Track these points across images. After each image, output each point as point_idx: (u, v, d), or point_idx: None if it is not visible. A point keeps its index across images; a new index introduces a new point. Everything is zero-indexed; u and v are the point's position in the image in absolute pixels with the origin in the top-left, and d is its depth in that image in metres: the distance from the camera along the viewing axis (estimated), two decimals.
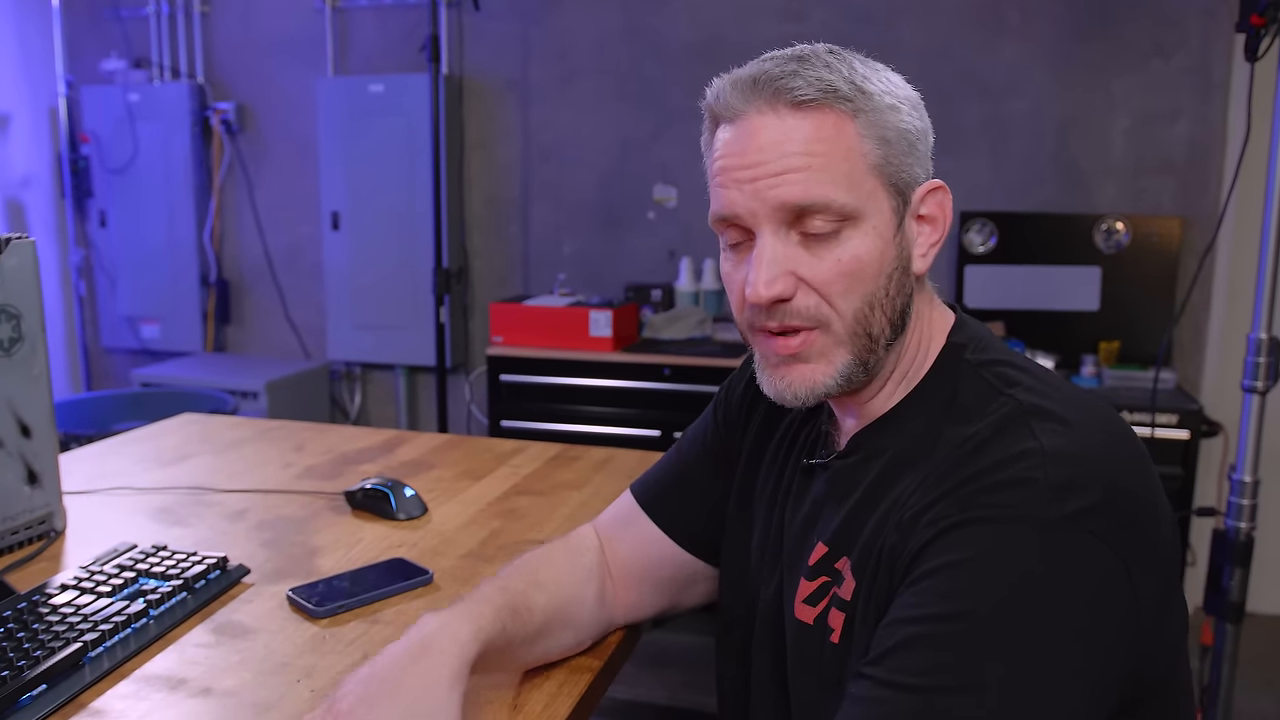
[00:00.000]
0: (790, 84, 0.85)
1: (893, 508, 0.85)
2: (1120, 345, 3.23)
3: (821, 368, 0.88)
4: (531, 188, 3.89)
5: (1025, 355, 0.93)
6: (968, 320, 0.96)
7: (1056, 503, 0.75)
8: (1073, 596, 0.73)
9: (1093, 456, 0.78)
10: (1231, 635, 2.11)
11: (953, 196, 0.93)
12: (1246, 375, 2.01)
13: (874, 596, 0.84)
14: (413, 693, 0.81)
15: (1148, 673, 0.80)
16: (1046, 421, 0.81)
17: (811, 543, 0.94)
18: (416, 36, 3.76)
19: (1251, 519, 2.06)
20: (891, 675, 0.74)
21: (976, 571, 0.75)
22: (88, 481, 1.59)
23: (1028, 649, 0.72)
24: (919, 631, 0.75)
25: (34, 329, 1.31)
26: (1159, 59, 3.26)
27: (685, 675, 3.03)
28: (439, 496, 1.54)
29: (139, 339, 4.28)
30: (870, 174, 0.86)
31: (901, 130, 0.87)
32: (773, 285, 0.85)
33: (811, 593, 0.93)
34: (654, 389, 3.23)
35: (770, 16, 3.54)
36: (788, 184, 0.84)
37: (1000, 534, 0.75)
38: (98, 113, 4.13)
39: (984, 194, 3.40)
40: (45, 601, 1.08)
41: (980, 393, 0.87)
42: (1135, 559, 0.76)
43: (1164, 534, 0.80)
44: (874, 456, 0.91)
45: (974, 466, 0.79)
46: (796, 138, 0.84)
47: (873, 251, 0.86)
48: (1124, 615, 0.75)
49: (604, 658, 1.06)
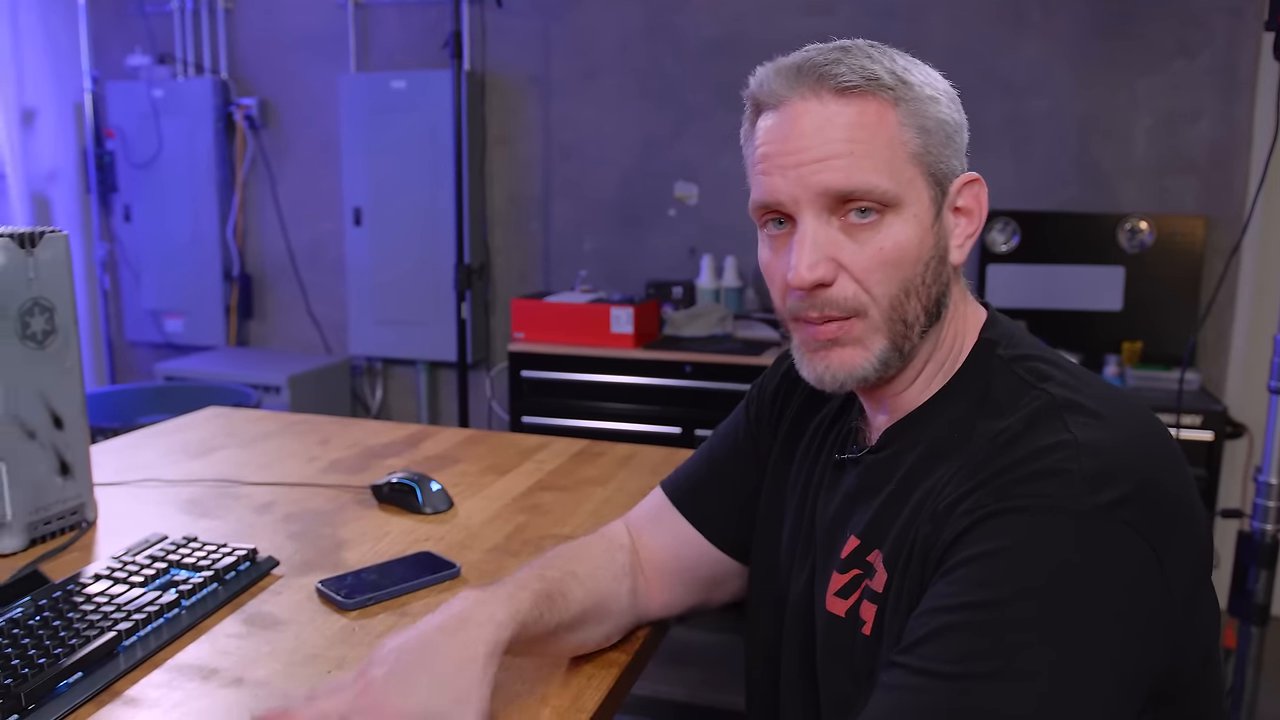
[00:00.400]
0: (834, 70, 0.86)
1: (925, 499, 0.86)
2: (1144, 345, 3.21)
3: (860, 352, 0.89)
4: (553, 184, 3.90)
5: (1056, 351, 0.93)
6: (1000, 317, 0.96)
7: (1091, 493, 0.75)
8: (1108, 585, 0.74)
9: (1126, 449, 0.79)
10: (1256, 638, 2.10)
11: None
12: (1273, 376, 2.00)
13: (906, 587, 0.84)
14: (447, 666, 0.82)
15: (1179, 665, 0.80)
16: (1079, 415, 0.81)
17: (844, 537, 0.94)
18: (439, 33, 3.77)
19: (1277, 521, 2.05)
20: (925, 663, 0.75)
21: (1012, 560, 0.75)
22: (117, 474, 1.60)
23: (1063, 637, 0.72)
24: (954, 620, 0.75)
25: (66, 322, 1.32)
26: (1183, 58, 3.24)
27: (705, 672, 3.03)
28: (464, 491, 1.54)
29: (163, 333, 4.31)
30: (910, 162, 0.87)
31: (940, 121, 0.88)
32: (815, 269, 0.86)
33: (843, 585, 0.93)
34: (675, 386, 3.23)
35: (794, 11, 3.53)
36: (831, 169, 0.85)
37: (1036, 523, 0.75)
38: (123, 108, 4.17)
39: (1007, 193, 3.39)
40: (79, 591, 1.09)
41: (1013, 387, 0.87)
42: (1167, 550, 0.76)
43: (1196, 527, 0.81)
44: (906, 451, 0.91)
45: (1008, 458, 0.80)
46: (839, 123, 0.85)
47: (912, 239, 0.87)
48: (1157, 605, 0.75)
49: (631, 652, 1.06)
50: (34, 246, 1.27)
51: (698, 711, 2.87)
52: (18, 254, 1.25)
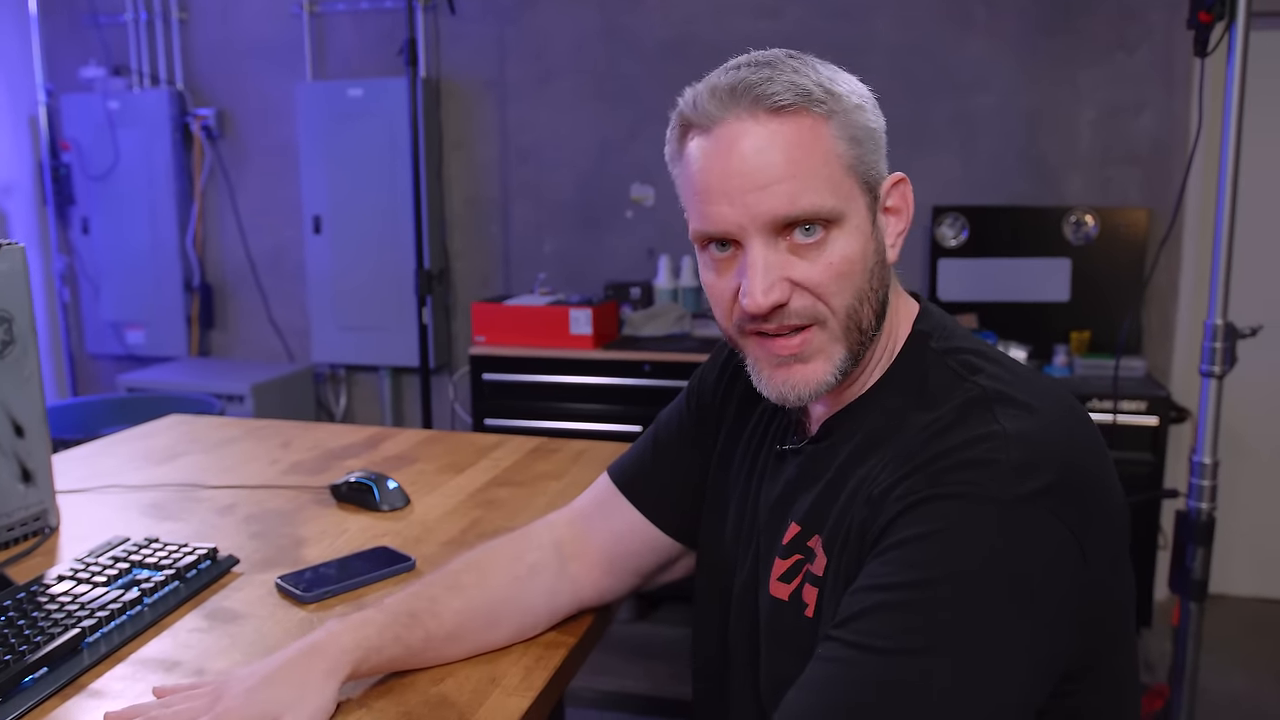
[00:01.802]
0: (768, 90, 0.87)
1: (860, 485, 0.90)
2: (1091, 335, 3.30)
3: (821, 365, 0.92)
4: (511, 187, 3.94)
5: (986, 342, 0.98)
6: (931, 309, 1.00)
7: (1017, 482, 0.80)
8: (1028, 569, 0.79)
9: (1050, 439, 0.84)
10: (1196, 613, 2.18)
11: (924, 191, 0.98)
12: (1204, 360, 2.08)
13: (843, 569, 0.89)
14: (288, 684, 0.92)
15: (1097, 638, 0.86)
16: (1008, 406, 0.86)
17: (785, 524, 0.98)
18: (394, 40, 3.80)
19: (1212, 500, 2.13)
20: (858, 638, 0.79)
21: (943, 544, 0.80)
22: (80, 480, 1.63)
23: (985, 617, 0.78)
24: (886, 598, 0.80)
25: (25, 332, 1.35)
26: (1122, 52, 3.33)
27: (671, 666, 3.08)
28: (421, 488, 1.58)
29: (124, 344, 4.30)
30: (847, 175, 0.89)
31: (869, 129, 0.91)
32: (770, 293, 0.88)
33: (785, 570, 0.97)
34: (634, 385, 3.28)
35: (745, 14, 3.59)
36: (775, 195, 0.86)
37: (965, 509, 0.80)
38: (78, 120, 4.16)
39: (955, 188, 3.47)
40: (44, 591, 1.13)
41: (945, 380, 0.91)
42: (1086, 533, 0.81)
43: (1114, 509, 0.86)
44: (844, 441, 0.96)
45: (939, 446, 0.84)
46: (779, 144, 0.87)
47: (857, 249, 0.90)
48: (1075, 585, 0.81)
49: (578, 634, 1.11)
50: None
51: (663, 704, 2.92)
52: None
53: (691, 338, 3.41)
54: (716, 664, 1.10)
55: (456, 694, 0.98)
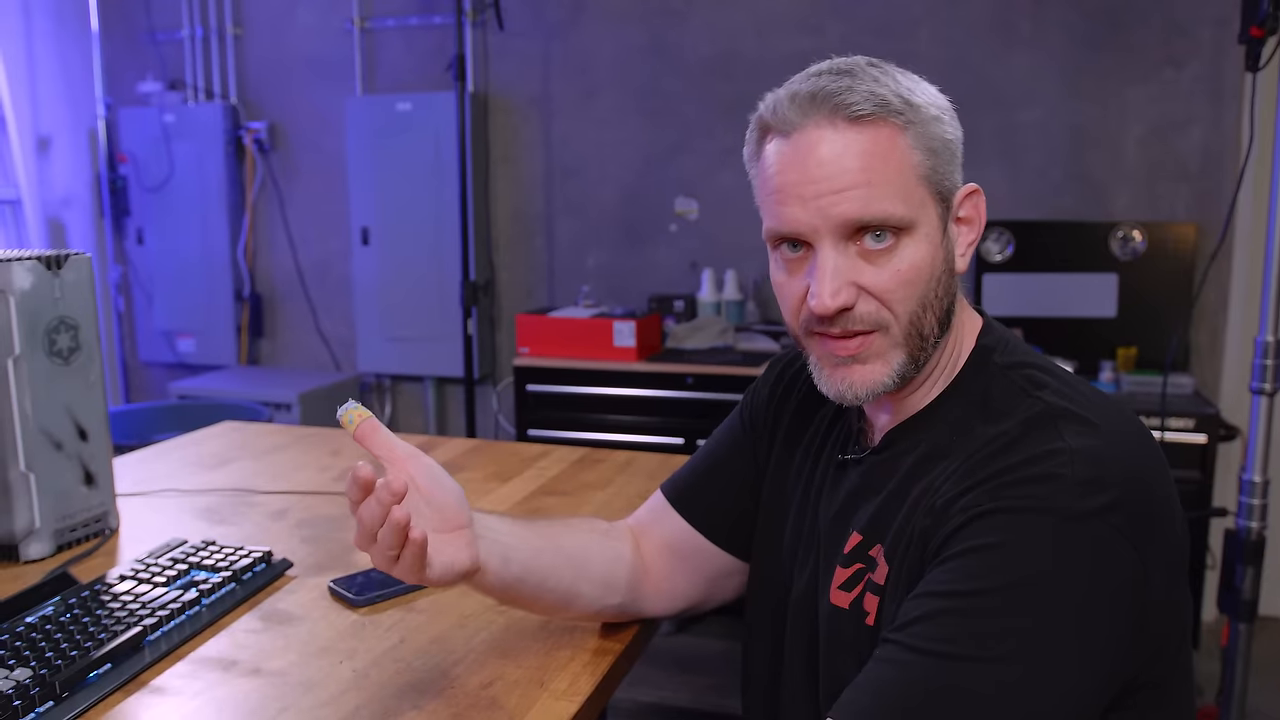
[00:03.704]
0: (848, 99, 0.89)
1: (924, 495, 0.91)
2: (1138, 351, 3.26)
3: (880, 367, 0.93)
4: (555, 201, 3.98)
5: (1049, 359, 0.98)
6: (994, 324, 1.02)
7: (1081, 498, 0.81)
8: (1092, 583, 0.80)
9: (1114, 457, 0.84)
10: (1244, 634, 2.15)
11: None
12: (1254, 377, 2.06)
13: (904, 576, 0.90)
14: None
15: (1161, 654, 0.86)
16: (1073, 423, 0.86)
17: (846, 533, 0.99)
18: (443, 55, 3.86)
19: (1262, 518, 2.10)
20: (916, 641, 0.81)
21: (1004, 555, 0.81)
22: (136, 484, 1.67)
23: (1047, 629, 0.79)
24: (944, 605, 0.81)
25: (90, 339, 1.40)
26: (1171, 68, 3.30)
27: (712, 678, 3.08)
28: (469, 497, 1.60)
29: (175, 353, 4.39)
30: (920, 184, 0.91)
31: (945, 140, 0.93)
32: (838, 296, 0.90)
33: (846, 579, 0.98)
34: (677, 397, 3.30)
35: (788, 31, 3.61)
36: (849, 200, 0.88)
37: (1028, 523, 0.81)
38: (135, 133, 4.26)
39: (1000, 203, 3.45)
40: (106, 590, 1.16)
41: (1010, 394, 0.92)
42: (1149, 551, 0.82)
43: (1176, 529, 0.87)
44: (907, 452, 0.96)
45: (1004, 461, 0.85)
46: (854, 151, 0.88)
47: (926, 258, 0.91)
48: (1136, 600, 0.81)
49: (625, 642, 1.13)
50: (59, 268, 1.34)
51: (704, 717, 2.92)
52: (45, 275, 1.32)
53: (734, 351, 3.42)
54: (770, 674, 1.10)
55: (505, 697, 1.00)
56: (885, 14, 3.52)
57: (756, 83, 0.96)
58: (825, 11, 3.58)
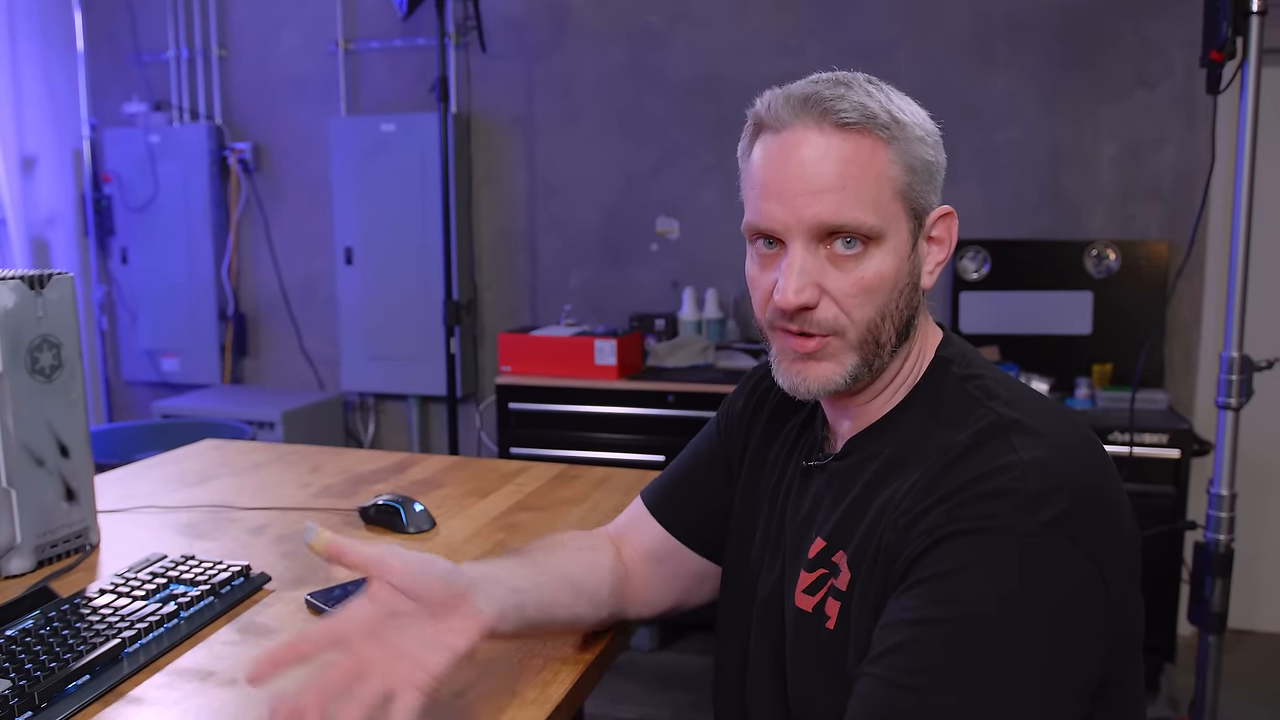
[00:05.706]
0: (837, 106, 0.93)
1: (886, 506, 0.94)
2: (1113, 367, 3.31)
3: (833, 367, 0.97)
4: (538, 221, 4.01)
5: (1002, 371, 1.02)
6: (954, 337, 1.06)
7: (1035, 511, 0.84)
8: (1050, 600, 0.83)
9: (1064, 467, 0.88)
10: (1214, 645, 2.18)
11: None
12: (1220, 392, 2.10)
13: (870, 587, 0.92)
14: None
15: (1115, 658, 0.89)
16: (1022, 434, 0.90)
17: (811, 538, 1.02)
18: (426, 77, 3.90)
19: (1230, 531, 2.14)
20: (888, 674, 0.83)
21: (968, 580, 0.84)
22: (118, 501, 1.69)
23: (1021, 650, 0.81)
24: (913, 634, 0.84)
25: (72, 357, 1.41)
26: (1143, 89, 3.36)
27: (692, 695, 3.10)
28: (447, 512, 1.63)
29: (159, 372, 4.40)
30: (895, 198, 0.94)
31: (926, 161, 0.96)
32: (801, 294, 0.93)
33: (810, 583, 1.01)
34: (658, 415, 3.32)
35: (768, 53, 3.66)
36: (822, 203, 0.92)
37: (990, 544, 0.84)
38: (120, 153, 4.28)
39: (977, 222, 3.50)
40: (86, 604, 1.18)
41: (964, 403, 0.96)
42: (1104, 556, 0.85)
43: (1127, 531, 0.90)
44: (869, 459, 1.00)
45: (960, 475, 0.88)
46: (835, 156, 0.92)
47: (891, 269, 0.94)
48: (1096, 610, 0.84)
49: (595, 652, 1.15)
50: (42, 287, 1.36)
51: None
52: (27, 294, 1.35)
53: (715, 369, 3.45)
54: (738, 673, 1.13)
55: (478, 706, 1.02)
56: (865, 36, 3.58)
57: (737, 104, 1.00)
58: (805, 33, 3.63)
